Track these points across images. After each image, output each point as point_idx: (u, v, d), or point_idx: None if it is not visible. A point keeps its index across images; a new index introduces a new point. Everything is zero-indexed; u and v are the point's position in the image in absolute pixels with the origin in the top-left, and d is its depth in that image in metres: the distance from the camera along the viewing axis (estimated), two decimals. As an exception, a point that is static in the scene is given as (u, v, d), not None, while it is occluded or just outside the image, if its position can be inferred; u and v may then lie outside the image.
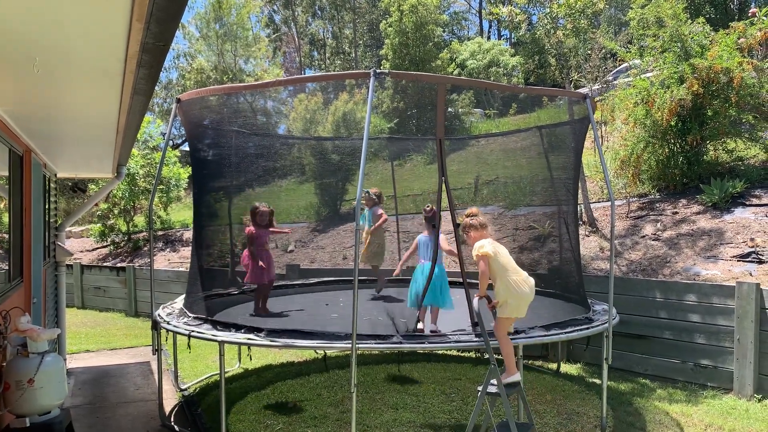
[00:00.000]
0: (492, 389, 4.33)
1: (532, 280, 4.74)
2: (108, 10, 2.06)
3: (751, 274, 7.42)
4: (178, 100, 6.28)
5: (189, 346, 6.02)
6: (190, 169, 18.41)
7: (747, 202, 9.06)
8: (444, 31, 31.58)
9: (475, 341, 5.06)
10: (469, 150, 14.67)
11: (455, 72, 23.10)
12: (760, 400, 6.42)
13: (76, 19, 2.16)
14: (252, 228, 6.89)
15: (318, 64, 42.86)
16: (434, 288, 5.93)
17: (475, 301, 4.50)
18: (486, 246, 4.66)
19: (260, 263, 6.68)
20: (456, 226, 5.65)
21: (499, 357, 4.57)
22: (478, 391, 4.39)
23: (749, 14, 12.94)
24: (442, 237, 6.16)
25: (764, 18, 10.46)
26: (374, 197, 8.03)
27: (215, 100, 7.92)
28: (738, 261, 7.80)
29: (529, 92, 7.32)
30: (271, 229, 7.07)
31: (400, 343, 5.08)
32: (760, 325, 6.50)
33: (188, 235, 16.30)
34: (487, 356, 4.42)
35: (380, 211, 7.95)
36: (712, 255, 8.14)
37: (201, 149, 7.67)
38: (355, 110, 16.52)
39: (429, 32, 20.89)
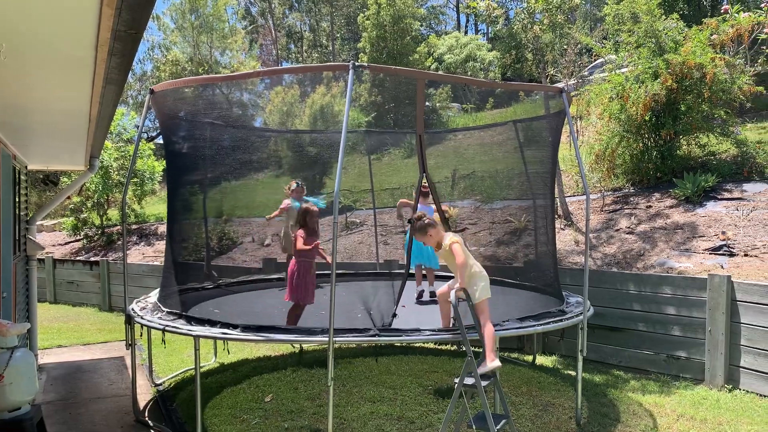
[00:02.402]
0: (469, 381, 4.34)
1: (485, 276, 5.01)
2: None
3: (722, 267, 7.54)
4: (152, 91, 6.18)
5: (164, 341, 5.95)
6: (164, 161, 18.22)
7: (719, 196, 9.21)
8: (421, 25, 31.57)
9: (453, 334, 5.07)
10: (447, 144, 14.68)
11: (433, 66, 23.13)
12: (730, 390, 6.54)
13: (44, 3, 2.11)
14: (302, 233, 5.99)
15: (295, 57, 42.60)
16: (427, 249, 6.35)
17: (452, 294, 4.50)
18: (453, 236, 4.81)
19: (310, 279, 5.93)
20: (444, 220, 5.69)
21: (476, 349, 4.59)
22: (455, 383, 4.41)
23: (721, 11, 13.13)
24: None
25: (736, 15, 10.62)
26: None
27: (190, 92, 7.82)
28: (710, 254, 7.93)
29: (507, 87, 7.37)
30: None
31: (377, 336, 5.07)
32: (730, 317, 6.62)
33: (163, 228, 16.11)
34: (464, 348, 4.43)
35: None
36: (686, 248, 8.26)
37: (175, 141, 7.56)
38: (333, 103, 16.46)
39: (407, 26, 20.87)
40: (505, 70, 21.33)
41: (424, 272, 7.81)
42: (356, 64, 4.82)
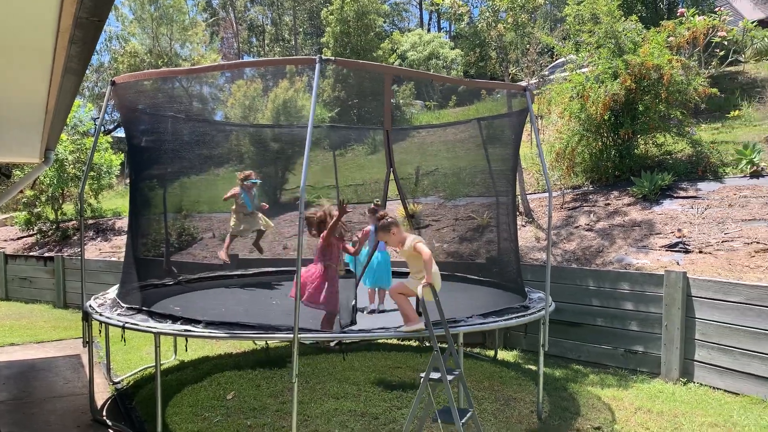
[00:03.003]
0: (435, 376, 4.36)
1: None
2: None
3: (678, 263, 7.75)
4: (113, 83, 6.03)
5: (123, 338, 5.81)
6: (122, 155, 17.77)
7: (675, 195, 9.45)
8: (385, 22, 31.56)
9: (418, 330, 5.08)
10: (411, 141, 14.71)
11: (396, 63, 23.15)
12: (685, 384, 6.73)
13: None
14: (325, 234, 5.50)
15: (257, 51, 42.13)
16: (380, 271, 6.71)
17: (419, 289, 4.52)
18: (417, 237, 4.95)
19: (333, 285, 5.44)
20: (410, 216, 5.71)
21: (442, 344, 4.60)
22: (421, 377, 4.42)
23: (678, 14, 13.48)
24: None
25: (691, 18, 10.90)
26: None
27: (150, 85, 7.64)
28: (666, 251, 8.13)
29: (472, 84, 7.42)
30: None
31: (344, 333, 5.05)
32: (686, 312, 6.80)
33: (120, 223, 15.75)
34: (429, 344, 4.45)
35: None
36: (643, 245, 8.45)
37: (136, 135, 7.39)
38: (296, 98, 16.31)
39: (371, 22, 20.84)
40: (468, 68, 21.47)
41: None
42: (323, 57, 4.78)
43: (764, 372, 6.11)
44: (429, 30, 38.05)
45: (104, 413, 6.17)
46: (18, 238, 16.81)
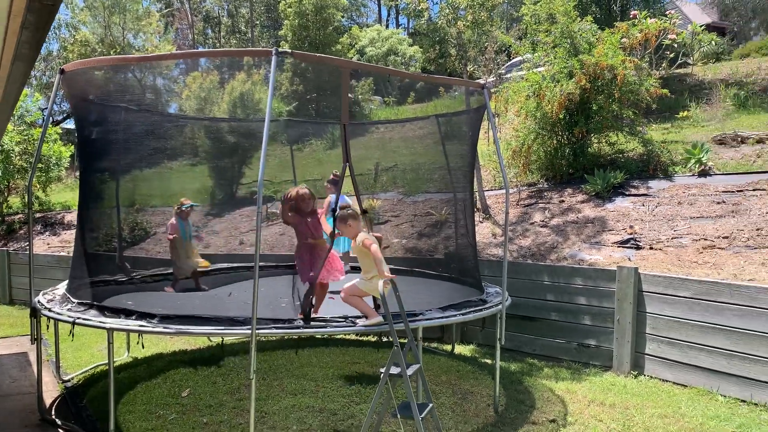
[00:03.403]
0: (395, 371, 4.37)
1: None
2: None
3: (629, 259, 7.95)
4: (62, 71, 5.82)
5: (72, 334, 5.64)
6: (72, 147, 17.24)
7: (626, 192, 9.70)
8: (343, 17, 31.43)
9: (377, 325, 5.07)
10: (370, 136, 14.69)
11: (355, 58, 23.09)
12: (636, 376, 6.92)
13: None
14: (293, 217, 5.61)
15: (212, 43, 41.44)
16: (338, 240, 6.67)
17: (380, 284, 4.52)
18: (369, 236, 5.02)
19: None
20: (363, 212, 5.69)
21: (402, 340, 4.61)
22: (381, 373, 4.42)
23: (630, 16, 13.82)
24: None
25: (644, 20, 11.18)
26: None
27: (102, 75, 7.42)
28: (618, 247, 8.35)
29: (432, 81, 7.45)
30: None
31: (302, 327, 5.01)
32: (637, 307, 6.99)
33: (69, 217, 15.30)
34: (387, 339, 4.45)
35: None
36: (596, 241, 8.65)
37: (87, 126, 7.17)
38: (253, 91, 16.10)
39: (329, 16, 20.72)
40: (428, 65, 21.57)
41: None
42: (280, 50, 4.72)
43: (711, 364, 6.33)
44: (387, 26, 38.10)
45: (53, 412, 5.97)
46: (-40, 232, 16.15)
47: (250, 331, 4.57)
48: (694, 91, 14.45)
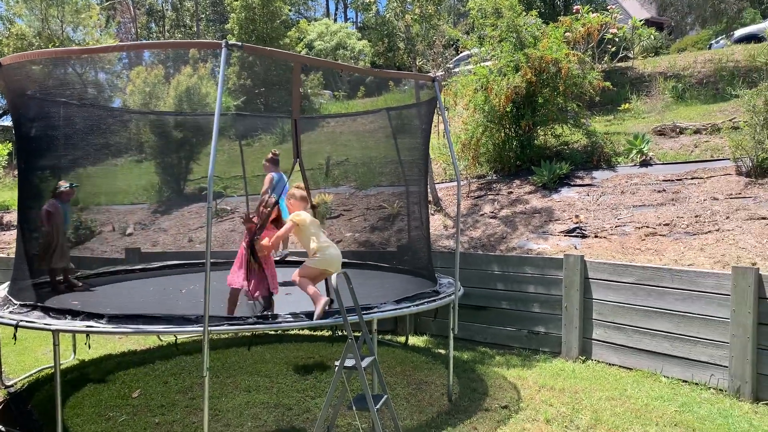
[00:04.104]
0: (349, 363, 4.39)
1: (338, 251, 5.48)
2: None
3: (576, 248, 8.17)
4: (0, 65, 5.60)
5: (14, 336, 5.45)
6: (9, 145, 16.59)
7: (572, 183, 9.95)
8: (291, 10, 31.13)
9: (332, 318, 5.07)
10: (320, 131, 14.62)
11: (303, 52, 22.91)
12: (584, 361, 7.12)
13: None
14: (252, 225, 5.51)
15: (156, 37, 40.44)
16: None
17: (333, 277, 4.52)
18: (299, 215, 5.21)
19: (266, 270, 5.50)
20: (312, 207, 5.71)
21: (356, 333, 4.63)
22: (335, 366, 4.43)
23: (573, 11, 14.14)
24: None
25: (586, 15, 11.46)
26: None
27: (40, 70, 7.17)
28: (565, 236, 8.56)
29: (382, 75, 7.47)
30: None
31: (256, 324, 4.97)
32: (584, 293, 7.19)
33: (9, 218, 14.74)
34: (341, 333, 4.46)
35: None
36: (543, 231, 8.85)
37: (26, 122, 6.90)
38: (200, 85, 15.81)
39: (277, 9, 20.48)
40: (377, 58, 21.59)
41: None
42: (229, 42, 4.65)
43: (654, 347, 6.57)
44: (336, 20, 37.94)
45: (-4, 419, 5.77)
46: None
47: (202, 329, 4.51)
48: (635, 84, 14.90)
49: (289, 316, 5.05)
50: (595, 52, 14.63)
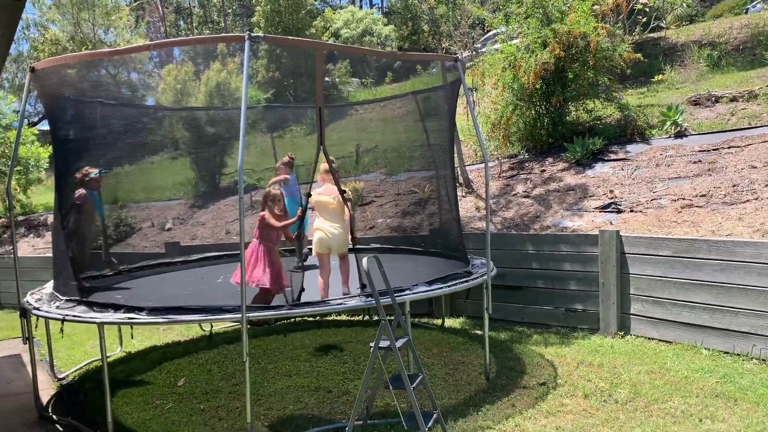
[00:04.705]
0: (384, 344, 4.45)
1: (328, 234, 6.15)
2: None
3: (611, 223, 8.07)
4: (33, 69, 5.78)
5: (62, 331, 5.68)
6: (50, 147, 17.06)
7: (606, 158, 9.81)
8: (316, 0, 31.19)
9: (364, 300, 5.15)
10: (350, 119, 14.69)
11: (330, 41, 22.93)
12: (622, 336, 7.07)
13: None
14: (266, 214, 5.72)
15: (185, 34, 40.92)
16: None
17: (365, 261, 4.58)
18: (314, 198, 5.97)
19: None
20: (341, 192, 5.79)
21: (390, 317, 4.69)
22: (371, 347, 4.50)
23: (601, -17, 13.82)
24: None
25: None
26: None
27: (74, 73, 7.37)
28: (600, 212, 8.46)
29: (404, 58, 7.48)
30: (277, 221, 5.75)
31: (290, 310, 5.08)
32: (620, 268, 7.11)
33: (52, 218, 15.19)
34: (377, 317, 4.52)
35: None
36: (578, 208, 8.76)
37: (61, 125, 7.11)
38: (229, 80, 16.00)
39: (301, 0, 20.53)
40: (402, 42, 21.47)
41: None
42: (252, 35, 4.73)
43: (694, 320, 6.48)
44: (361, 7, 37.85)
45: (50, 410, 6.02)
46: (-57, 240, 16.00)
47: (239, 317, 4.64)
48: (668, 54, 14.53)
49: (323, 301, 5.15)
50: (625, 23, 14.31)
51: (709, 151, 8.91)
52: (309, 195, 6.24)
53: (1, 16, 2.34)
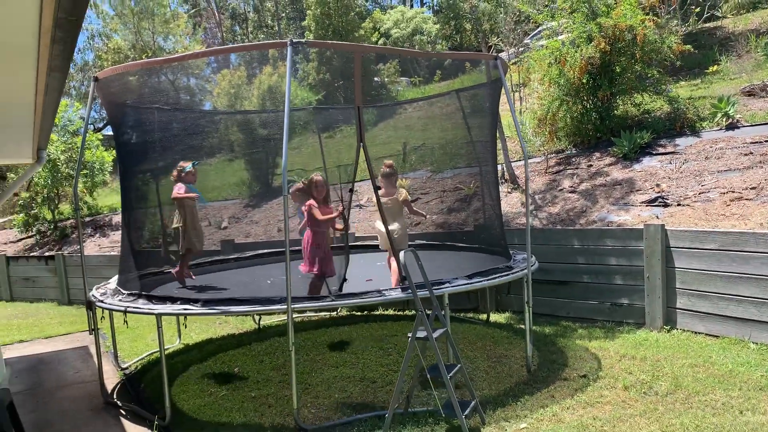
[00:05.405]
0: (421, 334, 4.63)
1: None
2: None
3: (657, 217, 8.01)
4: (96, 79, 6.22)
5: (125, 321, 6.09)
6: (114, 151, 17.92)
7: (654, 152, 9.69)
8: (366, 0, 31.49)
9: (404, 292, 5.34)
10: (397, 118, 14.89)
11: (380, 41, 23.20)
12: (668, 331, 7.02)
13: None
14: (314, 203, 5.96)
15: (240, 39, 41.97)
16: None
17: (402, 254, 4.76)
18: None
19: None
20: (376, 189, 6.00)
21: (428, 311, 4.86)
22: (409, 337, 4.69)
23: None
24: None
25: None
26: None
27: (135, 80, 7.79)
28: (646, 206, 8.39)
29: (442, 57, 7.61)
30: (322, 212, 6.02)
31: (333, 301, 5.32)
32: (666, 263, 7.07)
33: (117, 219, 15.97)
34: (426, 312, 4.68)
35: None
36: (624, 202, 8.71)
37: (124, 130, 7.58)
38: (281, 83, 16.45)
39: (350, 2, 20.86)
40: (447, 41, 21.54)
41: None
42: (294, 40, 4.98)
43: (741, 314, 6.39)
44: (412, 6, 37.97)
45: (114, 396, 6.45)
46: (18, 240, 17.04)
47: (285, 308, 4.90)
48: (724, 44, 14.15)
49: (364, 293, 5.36)
50: (678, 14, 14.01)
51: (761, 142, 8.70)
52: (351, 191, 6.47)
53: (60, 33, 2.63)
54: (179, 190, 6.55)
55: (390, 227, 6.31)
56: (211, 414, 5.66)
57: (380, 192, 6.41)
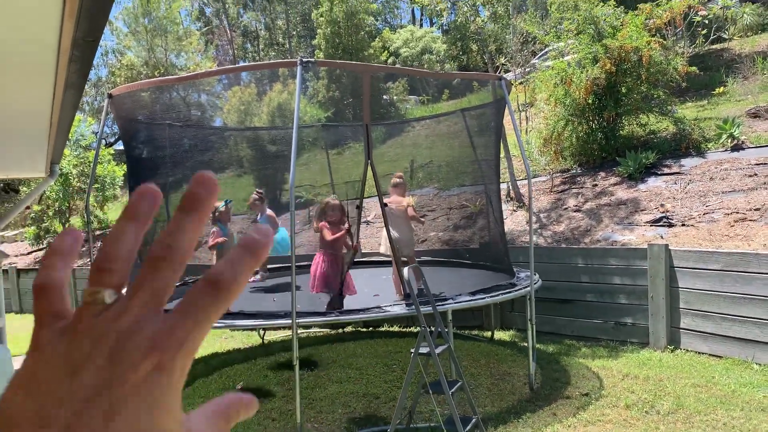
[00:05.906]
0: (423, 350, 4.69)
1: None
2: (41, 7, 2.26)
3: (662, 237, 8.05)
4: (110, 96, 6.37)
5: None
6: (125, 166, 18.14)
7: (659, 172, 9.75)
8: (376, 20, 31.85)
9: (407, 308, 5.42)
10: (405, 136, 15.02)
11: (389, 60, 23.44)
12: (672, 350, 7.04)
13: (10, 14, 2.36)
14: (326, 225, 6.06)
15: (252, 56, 42.46)
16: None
17: (406, 270, 4.84)
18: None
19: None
20: (383, 206, 6.10)
21: (431, 328, 4.92)
22: (411, 353, 4.75)
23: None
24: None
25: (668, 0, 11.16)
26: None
27: (147, 96, 7.98)
28: (651, 226, 8.44)
29: (446, 77, 7.76)
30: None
31: (337, 316, 5.39)
32: (670, 282, 7.10)
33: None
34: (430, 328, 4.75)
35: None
36: (629, 222, 8.76)
37: (135, 145, 7.74)
38: (290, 100, 16.65)
39: (360, 21, 21.13)
40: (452, 61, 21.73)
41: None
42: (304, 59, 5.11)
43: (744, 334, 6.41)
44: (421, 25, 38.36)
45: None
46: (28, 253, 17.22)
47: (290, 322, 4.98)
48: (730, 66, 14.23)
49: (368, 309, 5.43)
50: (684, 36, 14.13)
51: (766, 164, 8.75)
52: (359, 207, 6.57)
53: (77, 53, 2.75)
54: (215, 237, 6.62)
55: (393, 232, 6.39)
56: (215, 426, 5.71)
57: (388, 199, 6.57)
